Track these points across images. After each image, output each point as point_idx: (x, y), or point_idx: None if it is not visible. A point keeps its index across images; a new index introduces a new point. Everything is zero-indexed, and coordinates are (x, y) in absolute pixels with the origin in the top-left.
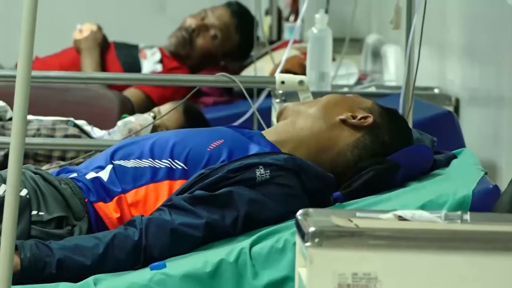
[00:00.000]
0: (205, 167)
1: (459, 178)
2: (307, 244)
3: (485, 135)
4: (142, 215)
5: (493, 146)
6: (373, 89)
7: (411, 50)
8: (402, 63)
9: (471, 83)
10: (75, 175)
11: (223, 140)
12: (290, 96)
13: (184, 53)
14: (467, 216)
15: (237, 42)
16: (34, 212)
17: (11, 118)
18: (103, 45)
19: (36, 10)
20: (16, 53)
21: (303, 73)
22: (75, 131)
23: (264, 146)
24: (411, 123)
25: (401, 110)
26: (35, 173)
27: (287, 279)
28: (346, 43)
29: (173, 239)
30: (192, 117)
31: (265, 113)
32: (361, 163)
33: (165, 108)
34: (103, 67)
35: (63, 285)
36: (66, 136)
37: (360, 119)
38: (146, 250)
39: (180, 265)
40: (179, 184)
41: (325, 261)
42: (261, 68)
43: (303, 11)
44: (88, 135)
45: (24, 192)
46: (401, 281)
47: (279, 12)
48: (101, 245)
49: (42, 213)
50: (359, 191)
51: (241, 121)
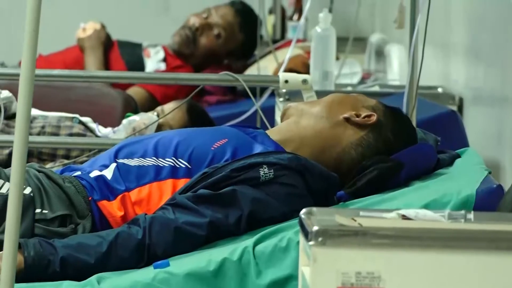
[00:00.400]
0: (208, 166)
1: (462, 177)
2: (311, 243)
3: (489, 135)
4: (145, 214)
5: (496, 145)
6: (376, 88)
7: (415, 49)
8: (405, 62)
9: (475, 83)
10: (79, 173)
11: (227, 139)
12: (293, 95)
13: (187, 52)
14: (471, 215)
15: (241, 41)
16: (37, 210)
17: (15, 114)
18: (107, 44)
19: (40, 8)
20: (19, 50)
21: (307, 72)
22: (80, 129)
23: (268, 145)
24: (414, 123)
25: (404, 109)
26: (39, 171)
27: (291, 278)
28: (349, 42)
29: (176, 237)
30: (195, 116)
31: (269, 112)
32: (365, 161)
33: (168, 107)
34: (107, 65)
35: (66, 283)
36: (71, 134)
37: (364, 117)
38: (149, 248)
39: (183, 264)
40: (182, 183)
41: (329, 260)
42: (264, 67)
43: (306, 10)
44: (93, 132)
45: (28, 190)
46: (404, 280)
47: (283, 11)
48: (104, 243)
49: (45, 211)
50: (363, 190)
51: (243, 117)
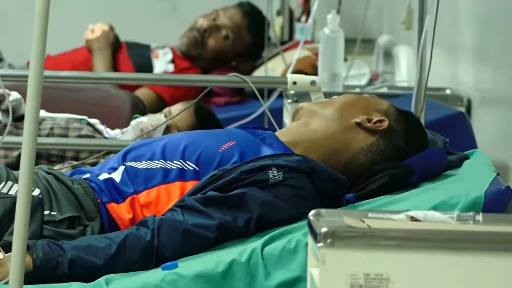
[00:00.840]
0: (216, 168)
1: (471, 179)
2: (319, 244)
3: (497, 136)
4: (154, 215)
5: (505, 147)
6: (385, 90)
7: (423, 50)
8: (413, 63)
9: (483, 84)
10: (88, 176)
11: (235, 141)
12: (301, 96)
13: (195, 54)
14: (480, 217)
15: (249, 42)
16: (46, 212)
17: (23, 115)
18: (115, 45)
19: (48, 9)
20: (27, 51)
21: (315, 73)
22: (88, 131)
23: (276, 148)
24: (423, 124)
25: (413, 110)
26: (48, 173)
27: (299, 280)
28: (357, 44)
29: (185, 239)
30: (203, 117)
31: (277, 113)
32: (376, 166)
33: (176, 108)
34: (115, 67)
35: (75, 285)
36: (79, 136)
37: (375, 122)
38: (158, 250)
39: (192, 265)
40: (190, 185)
41: (337, 262)
42: (272, 68)
43: (314, 11)
44: (101, 134)
45: (36, 192)
46: (413, 281)
47: (291, 12)
48: (113, 245)
49: (54, 213)
50: (373, 195)
51: (251, 118)
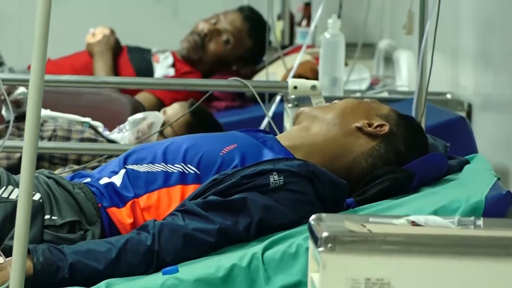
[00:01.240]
0: (217, 172)
1: (472, 183)
2: (320, 249)
3: (498, 141)
4: (155, 220)
5: (505, 151)
6: (385, 95)
7: (424, 55)
8: (414, 68)
9: (484, 89)
10: (88, 180)
11: (236, 144)
12: (302, 101)
13: (196, 58)
14: (480, 221)
15: (249, 47)
16: (47, 216)
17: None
18: (116, 49)
19: (49, 13)
20: (28, 55)
21: (315, 78)
22: (91, 134)
23: (277, 151)
24: (423, 128)
25: (413, 115)
26: (49, 178)
27: (300, 284)
28: (358, 48)
29: (186, 244)
30: (198, 114)
31: (277, 118)
32: (376, 171)
33: (172, 107)
34: (116, 71)
35: None
36: (82, 139)
37: (376, 127)
38: (158, 255)
39: (192, 270)
40: (191, 189)
41: (338, 266)
42: (273, 72)
43: (317, 16)
44: (103, 136)
45: (37, 196)
46: (414, 286)
47: (291, 17)
48: (113, 249)
49: (55, 218)
50: (373, 200)
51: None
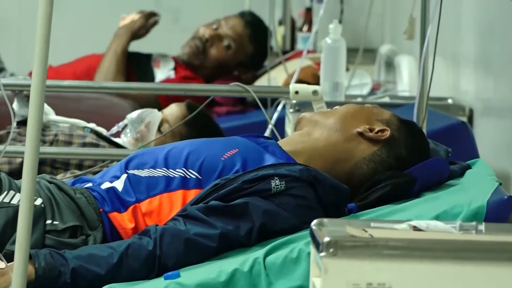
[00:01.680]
0: (219, 177)
1: (473, 188)
2: (322, 254)
3: (499, 146)
4: (156, 225)
5: (507, 156)
6: (386, 100)
7: (425, 60)
8: (415, 73)
9: (485, 94)
10: (90, 185)
11: (237, 149)
12: (303, 106)
13: (197, 63)
14: (482, 226)
15: (251, 52)
16: (48, 221)
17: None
18: (138, 34)
19: (51, 19)
20: (29, 61)
21: (316, 83)
22: (92, 139)
23: (279, 156)
24: (425, 133)
25: (415, 120)
26: (50, 183)
27: None
28: (359, 53)
29: (187, 249)
30: (194, 111)
31: (279, 123)
32: (378, 176)
33: (170, 108)
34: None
35: None
36: (84, 143)
37: (377, 132)
38: (160, 259)
39: (194, 275)
40: (193, 193)
41: (340, 271)
42: (274, 78)
43: (318, 21)
44: (105, 140)
45: (38, 201)
46: None
47: (293, 22)
48: (115, 254)
49: (56, 222)
50: (374, 205)
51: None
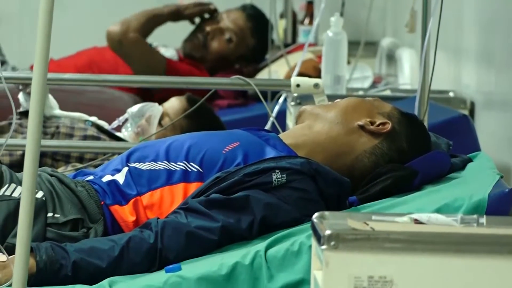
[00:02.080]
0: (220, 170)
1: (474, 181)
2: (323, 247)
3: (500, 139)
4: (157, 218)
5: (508, 149)
6: (388, 93)
7: (427, 53)
8: (416, 66)
9: (486, 87)
10: (91, 178)
11: (238, 142)
12: (304, 99)
13: (198, 56)
14: (483, 219)
15: (252, 45)
16: (49, 214)
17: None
18: (172, 17)
19: (52, 12)
20: (30, 54)
21: (318, 76)
22: (93, 132)
23: (280, 149)
24: (426, 127)
25: (416, 113)
26: (51, 176)
27: (303, 282)
28: (361, 46)
29: (188, 242)
30: (194, 104)
31: (280, 116)
32: (379, 169)
33: (170, 102)
34: (117, 69)
35: (78, 287)
36: (85, 136)
37: (378, 125)
38: (161, 252)
39: (195, 268)
40: (194, 186)
41: (341, 264)
42: (275, 71)
43: (320, 14)
44: (106, 134)
45: (40, 194)
46: (416, 284)
47: (294, 15)
48: (116, 247)
49: (57, 215)
50: (376, 197)
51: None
